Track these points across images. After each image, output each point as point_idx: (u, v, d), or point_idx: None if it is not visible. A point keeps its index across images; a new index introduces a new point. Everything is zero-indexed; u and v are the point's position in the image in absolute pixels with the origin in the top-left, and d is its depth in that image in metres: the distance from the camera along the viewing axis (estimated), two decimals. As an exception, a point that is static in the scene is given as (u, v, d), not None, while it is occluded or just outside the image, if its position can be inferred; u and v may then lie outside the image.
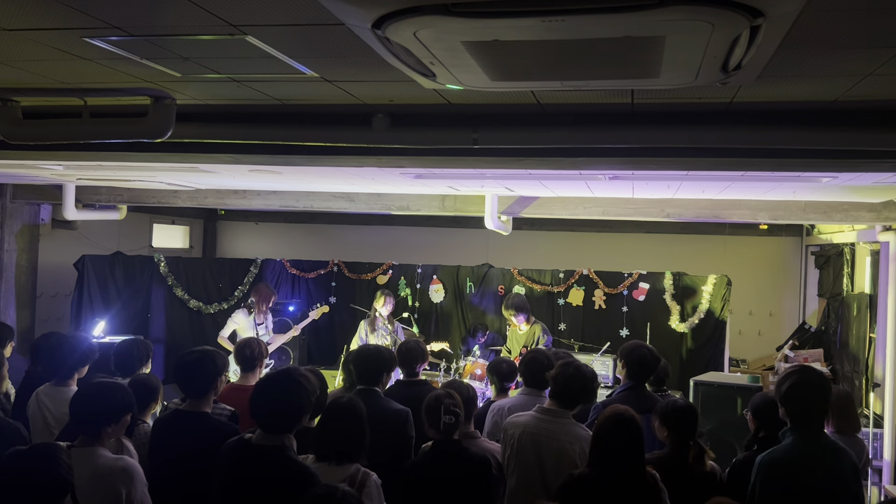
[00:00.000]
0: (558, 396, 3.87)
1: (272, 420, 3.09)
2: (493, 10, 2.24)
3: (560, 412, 3.84)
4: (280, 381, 3.16)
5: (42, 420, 4.27)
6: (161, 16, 2.64)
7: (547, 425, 3.78)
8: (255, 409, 3.12)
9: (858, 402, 7.74)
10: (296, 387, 3.12)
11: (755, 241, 10.96)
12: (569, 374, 3.89)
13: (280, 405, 3.08)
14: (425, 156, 4.43)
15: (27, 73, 3.56)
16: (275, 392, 3.12)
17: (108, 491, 3.04)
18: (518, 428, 3.82)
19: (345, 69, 3.30)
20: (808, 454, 3.21)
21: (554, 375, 3.94)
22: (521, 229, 9.64)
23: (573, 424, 3.81)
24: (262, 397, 3.13)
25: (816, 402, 3.27)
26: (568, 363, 4.01)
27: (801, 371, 3.34)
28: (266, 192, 8.56)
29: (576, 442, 3.70)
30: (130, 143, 4.41)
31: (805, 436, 3.23)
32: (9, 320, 8.30)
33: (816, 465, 3.19)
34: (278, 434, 3.06)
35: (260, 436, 3.09)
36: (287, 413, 3.09)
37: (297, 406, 3.11)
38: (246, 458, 3.06)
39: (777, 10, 2.23)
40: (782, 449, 3.24)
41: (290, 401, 3.09)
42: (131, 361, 4.63)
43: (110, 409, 3.26)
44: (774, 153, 4.11)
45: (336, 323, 9.30)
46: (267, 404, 3.10)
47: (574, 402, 3.87)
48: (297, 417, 3.12)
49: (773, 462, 3.21)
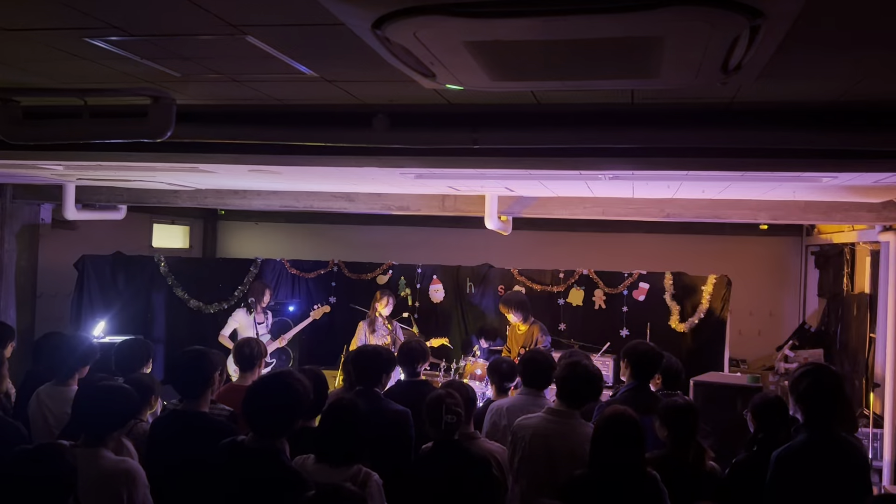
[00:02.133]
0: (566, 397, 3.87)
1: (265, 423, 3.08)
2: (493, 10, 2.24)
3: (568, 412, 3.84)
4: (273, 385, 3.15)
5: (43, 420, 4.27)
6: (161, 16, 2.64)
7: (556, 426, 3.79)
8: (248, 413, 3.12)
9: (858, 402, 7.75)
10: (289, 391, 3.11)
11: (755, 241, 10.95)
12: (576, 374, 3.90)
13: (272, 409, 3.07)
14: (425, 156, 4.43)
15: (27, 73, 3.56)
16: (268, 396, 3.11)
17: (111, 493, 3.04)
18: (528, 430, 3.80)
19: (345, 69, 3.30)
20: (821, 450, 3.30)
21: (561, 376, 3.94)
22: (521, 229, 9.62)
23: (582, 424, 3.82)
24: (255, 401, 3.12)
25: (832, 402, 3.36)
26: (574, 363, 4.02)
27: (816, 371, 3.41)
28: (266, 192, 8.56)
29: (586, 441, 3.69)
30: (130, 143, 4.41)
31: (818, 433, 3.31)
32: (9, 320, 8.29)
33: (829, 461, 3.29)
34: (270, 437, 3.05)
35: (252, 438, 3.09)
36: (279, 417, 3.08)
37: (290, 410, 3.10)
38: (238, 461, 3.06)
39: (777, 10, 2.23)
40: (797, 445, 3.32)
41: (283, 405, 3.08)
42: (132, 361, 4.63)
43: (118, 413, 3.28)
44: (774, 153, 4.11)
45: (336, 323, 9.28)
46: (259, 408, 3.09)
47: (582, 401, 3.88)
48: (289, 421, 3.11)
49: (789, 457, 3.30)
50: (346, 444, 3.28)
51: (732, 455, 4.25)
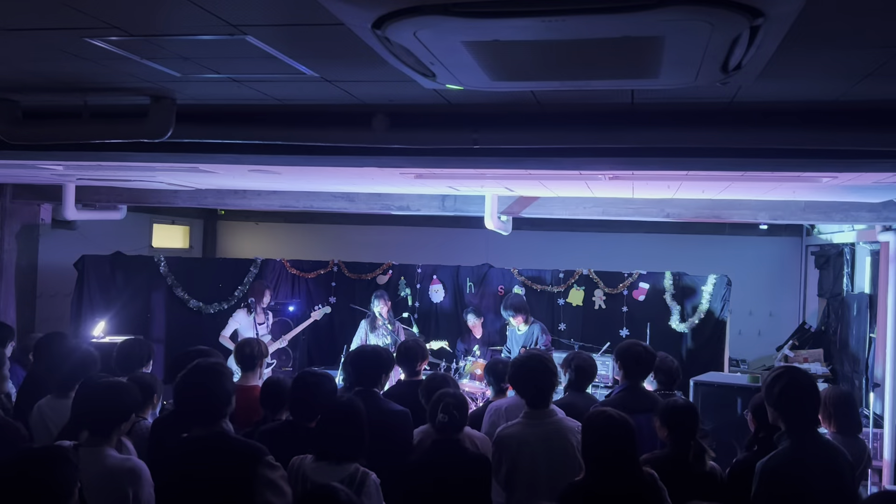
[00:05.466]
0: (527, 401, 3.87)
1: (200, 412, 3.14)
2: (493, 10, 2.24)
3: (540, 413, 3.83)
4: (195, 377, 3.20)
5: (45, 431, 4.23)
6: (161, 16, 2.65)
7: (536, 430, 3.77)
8: (183, 410, 3.23)
9: (858, 402, 7.74)
10: (210, 376, 3.17)
11: (755, 241, 10.96)
12: (519, 375, 3.91)
13: (201, 397, 3.14)
14: (425, 156, 4.43)
15: (27, 73, 3.56)
16: (193, 387, 3.17)
17: (116, 491, 3.03)
18: (513, 440, 3.77)
19: (345, 69, 3.30)
20: (805, 456, 3.19)
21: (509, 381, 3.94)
22: (521, 229, 9.63)
23: (561, 420, 3.81)
24: (184, 396, 3.21)
25: (810, 404, 3.24)
26: (520, 364, 3.99)
27: (788, 372, 3.30)
28: (266, 192, 8.56)
29: (571, 435, 3.71)
30: (130, 143, 4.41)
31: (801, 438, 3.20)
32: (9, 320, 8.28)
33: (814, 467, 3.18)
34: (210, 424, 3.11)
35: (195, 430, 3.14)
36: (211, 402, 3.14)
37: (216, 393, 3.15)
38: (187, 455, 3.10)
39: (777, 10, 2.23)
40: (780, 454, 3.21)
41: (209, 389, 3.14)
42: (133, 361, 4.63)
43: (121, 408, 3.27)
44: (774, 153, 4.11)
45: (336, 323, 9.29)
46: (190, 400, 3.19)
47: (540, 399, 3.85)
48: (221, 404, 3.16)
49: (773, 469, 3.19)
50: (345, 444, 3.28)
51: (732, 455, 4.26)
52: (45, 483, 2.48)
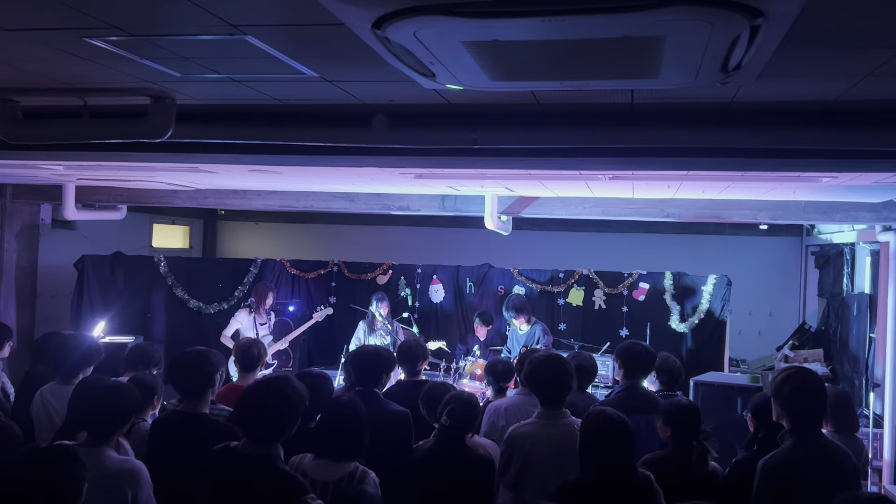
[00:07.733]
0: (542, 400, 3.86)
1: (258, 429, 3.01)
2: (493, 10, 2.24)
3: (554, 413, 3.82)
4: (268, 391, 3.07)
5: (47, 419, 4.25)
6: (161, 16, 2.64)
7: (549, 430, 3.77)
8: (242, 418, 3.05)
9: (858, 402, 7.74)
10: (283, 397, 3.03)
11: (755, 241, 10.96)
12: (536, 374, 3.89)
13: (266, 415, 2.99)
14: (425, 156, 4.43)
15: (27, 73, 3.56)
16: (262, 401, 3.03)
17: (115, 492, 3.03)
18: (526, 440, 3.76)
19: (345, 69, 3.30)
20: (809, 456, 3.20)
21: (525, 380, 3.92)
22: (521, 229, 9.63)
23: (573, 423, 3.81)
24: (249, 406, 3.04)
25: (818, 405, 3.28)
26: (538, 363, 3.97)
27: (799, 373, 3.32)
28: (266, 192, 8.56)
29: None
30: (130, 143, 4.41)
31: (805, 438, 3.23)
32: (9, 320, 8.29)
33: (817, 467, 3.19)
34: (264, 444, 2.98)
35: (246, 444, 3.01)
36: (273, 423, 3.00)
37: (284, 416, 3.02)
38: (232, 468, 2.98)
39: (777, 10, 2.23)
40: (783, 452, 3.23)
41: (278, 411, 3.00)
42: (142, 363, 4.65)
43: (121, 411, 3.26)
44: (774, 153, 4.11)
45: (336, 323, 9.29)
46: (253, 414, 3.02)
47: (556, 400, 3.84)
48: (284, 427, 3.02)
49: (775, 466, 3.20)
50: (345, 442, 3.28)
51: (732, 455, 4.26)
52: (56, 482, 2.48)
